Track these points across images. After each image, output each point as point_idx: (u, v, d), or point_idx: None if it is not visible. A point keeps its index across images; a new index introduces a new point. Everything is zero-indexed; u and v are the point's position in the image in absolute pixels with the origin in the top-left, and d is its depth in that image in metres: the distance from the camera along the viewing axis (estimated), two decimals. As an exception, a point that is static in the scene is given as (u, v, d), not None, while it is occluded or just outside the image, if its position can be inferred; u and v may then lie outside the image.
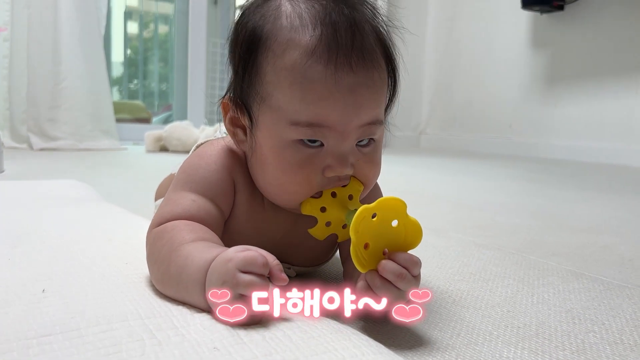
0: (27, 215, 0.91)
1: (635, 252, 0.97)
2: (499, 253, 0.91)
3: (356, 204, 0.59)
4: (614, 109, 2.93)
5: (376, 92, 0.58)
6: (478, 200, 1.59)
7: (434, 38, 3.91)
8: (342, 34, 0.54)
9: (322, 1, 0.57)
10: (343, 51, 0.54)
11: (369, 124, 0.58)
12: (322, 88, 0.54)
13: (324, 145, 0.57)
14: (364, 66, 0.55)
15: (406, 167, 2.42)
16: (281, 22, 0.57)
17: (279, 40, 0.56)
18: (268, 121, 0.58)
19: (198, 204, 0.60)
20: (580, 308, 0.65)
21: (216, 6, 3.73)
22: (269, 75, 0.57)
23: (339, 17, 0.55)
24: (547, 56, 3.27)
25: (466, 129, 3.76)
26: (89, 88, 2.83)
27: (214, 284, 0.47)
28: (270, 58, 0.57)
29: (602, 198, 1.70)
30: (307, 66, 0.54)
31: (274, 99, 0.57)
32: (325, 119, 0.55)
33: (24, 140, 2.72)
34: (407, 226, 0.53)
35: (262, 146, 0.59)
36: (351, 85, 0.55)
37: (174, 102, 3.91)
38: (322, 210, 0.58)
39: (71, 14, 2.75)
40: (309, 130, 0.55)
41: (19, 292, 0.52)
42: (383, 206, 0.51)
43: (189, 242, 0.53)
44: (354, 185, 0.59)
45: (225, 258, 0.47)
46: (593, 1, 3.00)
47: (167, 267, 0.53)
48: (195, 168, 0.63)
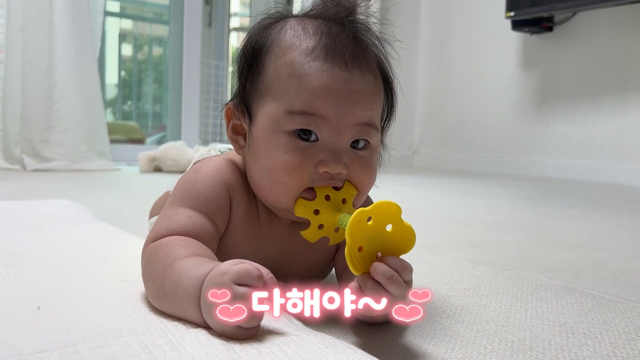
0: (21, 234, 0.90)
1: (627, 267, 0.98)
2: (492, 269, 0.92)
3: (349, 208, 0.60)
4: (604, 128, 2.97)
5: (371, 94, 0.60)
6: (470, 218, 1.60)
7: (426, 59, 3.96)
8: (340, 41, 0.58)
9: (327, 21, 0.61)
10: (340, 53, 0.58)
11: (364, 125, 0.59)
12: (318, 79, 0.57)
13: (319, 141, 0.58)
14: (359, 68, 0.58)
15: (400, 186, 2.43)
16: (285, 31, 0.61)
17: (282, 45, 0.60)
18: (265, 114, 0.60)
19: (194, 220, 0.60)
20: (574, 322, 0.65)
21: (210, 28, 3.77)
22: (269, 73, 0.60)
23: (340, 31, 0.59)
24: (537, 76, 3.32)
25: (459, 148, 3.79)
26: (83, 109, 2.84)
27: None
28: (272, 59, 0.60)
29: (593, 215, 1.72)
30: (305, 61, 0.58)
31: (272, 92, 0.59)
32: (320, 107, 0.57)
33: (18, 162, 2.71)
34: (401, 231, 0.53)
35: (257, 139, 0.61)
36: (346, 80, 0.57)
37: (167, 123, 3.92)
38: (316, 213, 0.59)
39: (66, 37, 2.77)
40: (303, 119, 0.57)
41: (14, 310, 0.52)
42: (379, 210, 0.51)
43: (184, 257, 0.54)
44: (348, 189, 0.60)
45: (220, 271, 0.47)
46: (581, 23, 3.05)
47: (162, 282, 0.53)
48: (191, 184, 0.64)
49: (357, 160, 0.60)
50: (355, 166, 0.60)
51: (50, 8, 2.72)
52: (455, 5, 3.77)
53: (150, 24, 4.26)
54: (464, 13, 3.70)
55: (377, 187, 0.76)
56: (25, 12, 2.67)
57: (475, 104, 3.67)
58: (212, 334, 0.47)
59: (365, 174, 0.61)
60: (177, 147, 2.89)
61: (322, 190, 0.59)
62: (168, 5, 3.87)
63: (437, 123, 3.94)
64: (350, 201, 0.60)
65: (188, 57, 3.59)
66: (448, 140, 3.86)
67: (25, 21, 2.68)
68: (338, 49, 0.58)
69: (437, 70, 3.92)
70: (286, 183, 0.59)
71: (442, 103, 3.89)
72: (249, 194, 0.65)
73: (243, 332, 0.46)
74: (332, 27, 0.60)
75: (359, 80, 0.58)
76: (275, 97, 0.59)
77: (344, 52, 0.58)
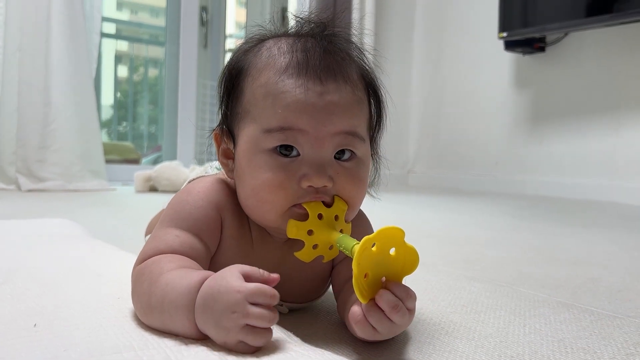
0: (16, 252, 0.90)
1: (624, 283, 0.98)
2: (489, 285, 0.92)
3: (342, 224, 0.59)
4: (597, 147, 2.99)
5: (349, 103, 0.59)
6: (466, 236, 1.60)
7: (420, 79, 3.99)
8: (312, 56, 0.59)
9: (304, 37, 0.62)
10: (312, 68, 0.58)
11: (345, 133, 0.59)
12: (292, 96, 0.57)
13: (300, 155, 0.58)
14: (334, 80, 0.58)
15: (395, 205, 2.43)
16: (262, 53, 0.62)
17: (257, 66, 0.61)
18: (245, 135, 0.60)
19: (181, 239, 0.60)
20: (572, 338, 0.65)
21: (206, 49, 3.79)
22: (247, 96, 0.61)
23: (313, 46, 0.60)
24: (530, 96, 3.35)
25: (453, 167, 3.80)
26: (78, 129, 2.83)
27: (220, 313, 0.47)
28: (249, 81, 0.61)
29: (588, 232, 1.72)
30: (279, 80, 0.58)
31: (250, 114, 0.60)
32: (296, 121, 0.57)
33: (12, 182, 2.70)
34: (404, 253, 0.53)
35: (240, 161, 0.61)
36: (320, 93, 0.57)
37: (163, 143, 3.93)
38: (309, 234, 0.58)
39: (63, 57, 2.78)
40: (281, 135, 0.57)
41: (10, 327, 0.51)
42: (383, 236, 0.51)
43: (168, 271, 0.54)
44: (338, 205, 0.59)
45: (234, 288, 0.47)
46: (573, 43, 3.09)
47: (149, 299, 0.53)
48: (182, 204, 0.64)
49: (343, 172, 0.59)
50: (341, 178, 0.59)
51: (47, 29, 2.73)
52: (448, 25, 3.82)
53: (146, 45, 4.28)
54: (458, 33, 3.75)
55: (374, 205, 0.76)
56: (22, 33, 2.68)
57: (469, 123, 3.69)
58: (210, 349, 0.47)
59: (353, 186, 0.60)
60: (173, 166, 2.89)
61: (314, 209, 0.58)
62: (164, 27, 3.90)
63: (432, 142, 3.96)
64: (342, 217, 0.59)
65: (184, 78, 3.61)
66: (443, 159, 3.88)
67: (22, 41, 2.69)
68: (311, 63, 0.58)
69: (431, 89, 3.95)
70: (271, 201, 0.58)
71: (437, 122, 3.92)
72: (241, 213, 0.65)
73: (247, 347, 0.46)
74: (306, 42, 0.60)
75: (334, 92, 0.58)
76: (253, 118, 0.59)
77: (316, 67, 0.58)
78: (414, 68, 4.00)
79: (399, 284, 0.53)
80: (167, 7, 3.81)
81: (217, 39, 3.88)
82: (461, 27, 3.73)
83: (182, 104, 3.60)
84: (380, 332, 0.53)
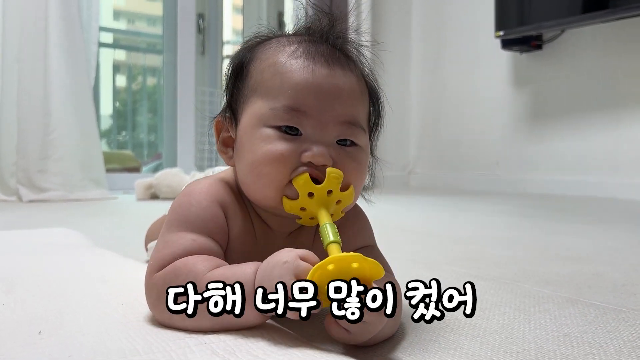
0: (20, 261, 0.90)
1: (628, 278, 0.98)
2: (493, 283, 0.92)
3: (338, 194, 0.59)
4: (598, 143, 2.99)
5: (353, 91, 0.61)
6: (469, 235, 1.60)
7: (419, 80, 4.00)
8: (320, 47, 0.61)
9: (311, 36, 0.64)
10: (321, 53, 0.60)
11: (349, 123, 0.60)
12: (300, 75, 0.59)
13: (302, 135, 0.59)
14: (341, 65, 0.61)
15: (397, 206, 2.44)
16: (270, 42, 0.64)
17: (266, 52, 0.63)
18: (249, 113, 0.61)
19: (199, 243, 0.59)
20: (578, 332, 0.65)
21: (204, 56, 3.80)
22: (254, 77, 0.62)
23: (321, 42, 0.62)
24: (529, 94, 3.36)
25: (454, 167, 3.80)
26: (78, 138, 2.84)
27: (273, 266, 0.51)
28: (257, 64, 0.63)
29: (590, 229, 1.72)
30: (287, 61, 0.60)
31: (257, 92, 0.61)
32: (302, 102, 0.58)
33: (13, 193, 2.70)
34: (367, 264, 0.51)
35: (242, 138, 0.62)
36: (327, 75, 0.59)
37: (163, 151, 3.93)
38: (302, 210, 0.59)
39: (61, 67, 2.79)
40: (286, 115, 0.58)
41: (15, 334, 0.51)
42: (339, 259, 0.51)
43: (211, 269, 0.55)
44: (331, 180, 0.57)
45: (286, 252, 0.52)
46: (569, 40, 3.10)
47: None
48: (186, 207, 0.63)
49: (345, 155, 0.60)
50: (342, 160, 0.59)
51: (45, 40, 2.74)
52: (445, 26, 3.83)
53: (143, 54, 4.29)
54: (455, 34, 3.76)
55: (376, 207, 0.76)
56: (20, 44, 2.69)
57: (469, 123, 3.69)
58: (214, 351, 0.47)
59: (355, 168, 0.60)
60: (173, 173, 2.89)
61: (303, 188, 0.57)
62: (161, 35, 3.91)
63: (432, 143, 3.96)
64: (337, 188, 0.58)
65: (182, 86, 3.61)
66: (443, 160, 3.88)
67: (20, 52, 2.70)
68: (319, 50, 0.61)
69: (430, 90, 3.95)
70: (268, 174, 0.58)
71: (437, 123, 3.92)
72: (243, 210, 0.65)
73: None
74: (313, 38, 0.63)
75: (340, 76, 0.60)
76: (259, 95, 0.61)
77: (324, 52, 0.60)
78: (412, 70, 4.01)
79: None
80: (164, 15, 3.82)
81: (215, 46, 3.89)
82: (458, 27, 3.74)
83: (181, 111, 3.60)
84: (352, 332, 0.51)
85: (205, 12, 3.79)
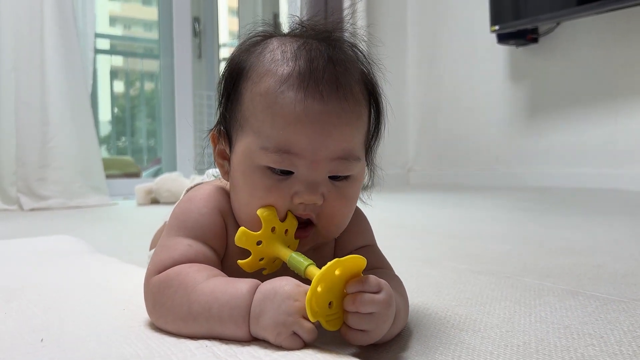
0: (21, 270, 0.90)
1: (628, 269, 0.98)
2: (493, 278, 0.92)
3: (291, 240, 0.60)
4: (596, 135, 2.99)
5: (348, 124, 0.58)
6: (469, 230, 1.60)
7: (415, 77, 4.00)
8: (316, 66, 0.57)
9: (308, 40, 0.60)
10: (314, 81, 0.56)
11: (342, 159, 0.58)
12: (291, 114, 0.56)
13: (294, 174, 0.58)
14: (336, 97, 0.57)
15: (397, 203, 2.44)
16: (264, 55, 0.61)
17: (259, 71, 0.60)
18: (242, 146, 0.60)
19: (195, 249, 0.60)
20: (578, 324, 0.65)
21: (201, 60, 3.80)
22: (246, 102, 0.60)
23: (318, 53, 0.58)
24: (526, 88, 3.35)
25: (453, 163, 3.80)
26: (77, 146, 2.84)
27: (276, 310, 0.50)
28: (249, 86, 0.60)
29: (590, 221, 1.72)
30: (279, 92, 0.57)
31: (249, 124, 0.59)
32: (293, 145, 0.56)
33: (14, 202, 2.71)
34: (347, 264, 0.52)
35: (235, 170, 0.61)
36: (320, 113, 0.56)
37: (162, 155, 3.93)
38: (258, 244, 0.59)
39: (58, 75, 2.79)
40: (277, 157, 0.57)
41: (17, 343, 0.52)
42: (345, 263, 0.51)
43: (205, 280, 0.55)
44: (291, 221, 0.59)
45: (293, 295, 0.51)
46: (565, 33, 3.10)
47: (188, 308, 0.53)
48: (186, 213, 0.64)
49: (334, 191, 0.60)
50: (331, 196, 0.59)
51: (41, 47, 2.74)
52: (440, 22, 3.83)
53: (141, 59, 4.29)
54: (450, 29, 3.76)
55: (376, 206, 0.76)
56: (16, 51, 2.69)
57: (467, 119, 3.69)
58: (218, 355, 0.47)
59: (341, 205, 0.61)
60: (173, 178, 2.89)
61: (268, 222, 0.58)
62: (157, 40, 3.92)
63: (431, 139, 3.96)
64: (292, 233, 0.60)
65: (180, 90, 3.62)
66: (442, 156, 3.88)
67: (16, 60, 2.70)
68: (314, 76, 0.57)
69: (427, 87, 3.95)
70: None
71: (434, 119, 3.92)
72: None
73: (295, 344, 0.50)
74: (310, 50, 0.59)
75: (334, 111, 0.57)
76: (252, 129, 0.59)
77: (319, 80, 0.56)
78: (409, 65, 4.00)
79: (356, 280, 0.52)
80: (160, 20, 3.82)
81: (211, 49, 3.89)
82: (453, 22, 3.73)
83: (179, 115, 3.60)
84: (368, 329, 0.52)
85: (201, 16, 3.79)
